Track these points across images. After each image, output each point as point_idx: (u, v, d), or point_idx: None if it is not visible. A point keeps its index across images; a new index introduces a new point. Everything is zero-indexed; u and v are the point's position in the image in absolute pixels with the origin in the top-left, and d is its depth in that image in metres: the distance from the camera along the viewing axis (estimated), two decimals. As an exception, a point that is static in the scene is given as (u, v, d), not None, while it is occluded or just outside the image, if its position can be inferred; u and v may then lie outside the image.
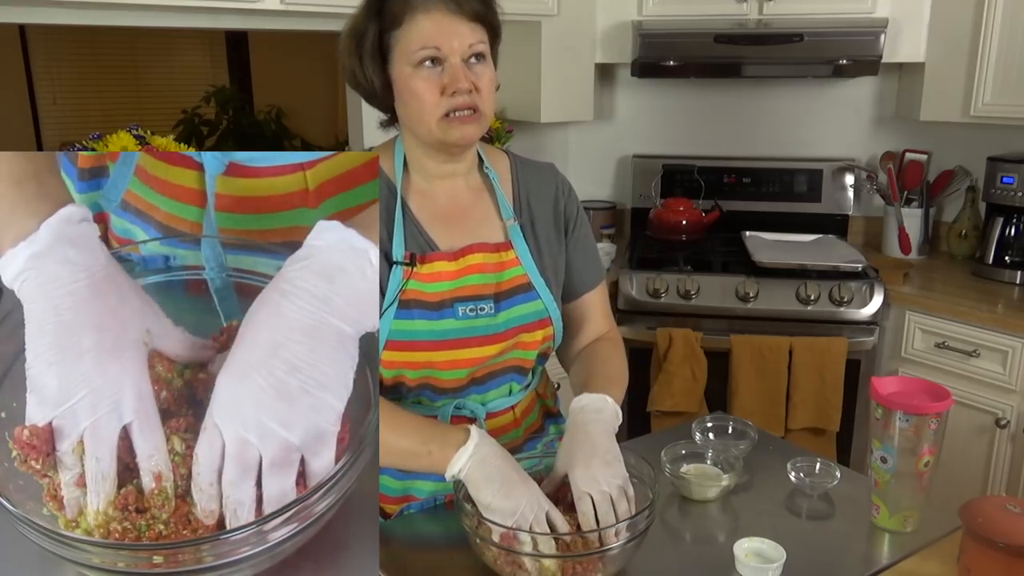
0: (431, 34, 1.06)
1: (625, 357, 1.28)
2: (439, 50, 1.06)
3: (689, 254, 2.59)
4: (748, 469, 1.25)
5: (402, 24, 1.07)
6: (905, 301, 2.30)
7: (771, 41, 2.42)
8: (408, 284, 1.12)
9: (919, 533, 1.11)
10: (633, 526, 0.97)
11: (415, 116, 1.10)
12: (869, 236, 2.83)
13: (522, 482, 1.01)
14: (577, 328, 1.30)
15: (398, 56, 1.09)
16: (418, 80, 1.07)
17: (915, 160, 2.65)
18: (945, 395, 1.08)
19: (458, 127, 1.09)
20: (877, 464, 1.11)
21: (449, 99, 1.07)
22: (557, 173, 1.30)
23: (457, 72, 1.07)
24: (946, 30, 2.39)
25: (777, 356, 2.28)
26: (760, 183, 2.84)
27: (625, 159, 3.00)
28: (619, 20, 2.59)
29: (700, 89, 2.90)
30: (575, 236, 1.28)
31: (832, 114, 2.83)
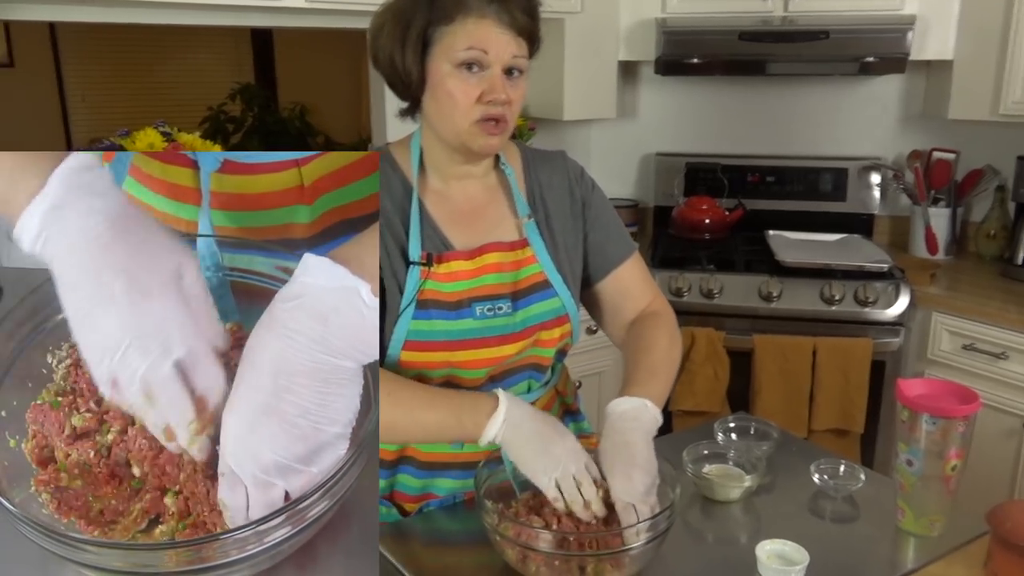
0: (480, 38, 1.06)
1: (674, 329, 1.24)
2: (486, 55, 1.06)
3: (712, 253, 2.57)
4: (771, 470, 1.24)
5: (453, 21, 1.06)
6: (932, 302, 2.27)
7: (796, 38, 2.40)
8: (425, 284, 1.12)
9: (945, 537, 1.10)
10: (654, 526, 0.96)
11: (445, 115, 1.10)
12: (895, 236, 2.80)
13: (559, 436, 1.02)
14: (618, 306, 1.28)
15: (440, 51, 1.07)
16: (456, 81, 1.07)
17: (943, 159, 2.61)
18: (973, 398, 1.07)
19: (484, 137, 1.09)
20: (903, 467, 1.09)
21: (483, 106, 1.07)
22: (567, 159, 1.29)
23: (497, 81, 1.07)
24: (975, 27, 2.35)
25: (800, 356, 2.26)
26: (784, 181, 2.81)
27: (648, 157, 2.98)
28: (643, 17, 2.57)
29: (724, 87, 2.88)
30: (592, 215, 1.26)
31: (858, 112, 2.79)
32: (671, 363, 1.20)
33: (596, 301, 1.30)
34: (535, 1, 1.12)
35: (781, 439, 1.31)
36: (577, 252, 1.24)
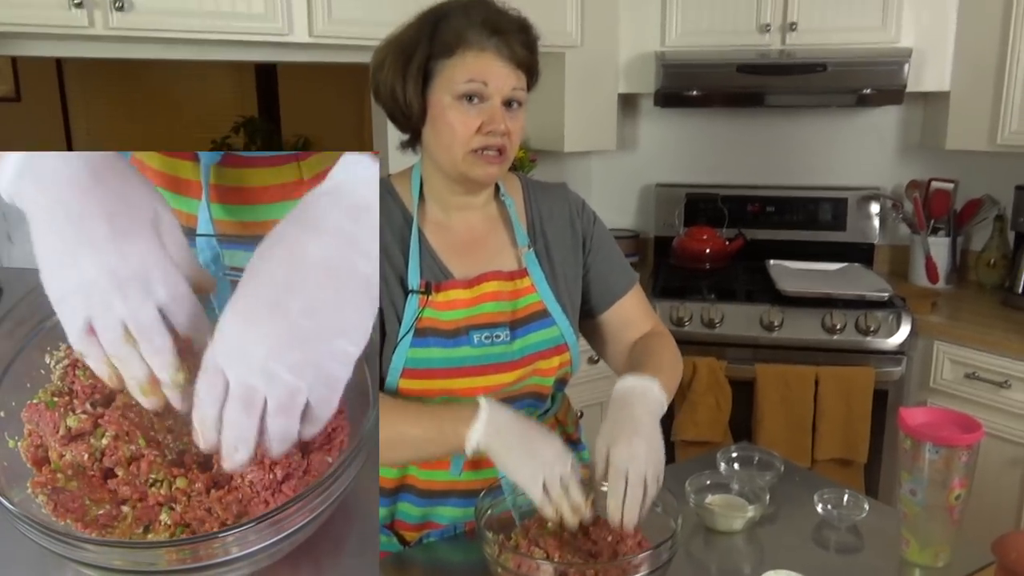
0: (480, 71, 1.08)
1: (676, 349, 1.25)
2: (486, 86, 1.08)
3: (713, 282, 2.58)
4: (774, 500, 1.23)
5: (453, 55, 1.08)
6: (933, 331, 2.27)
7: (794, 71, 2.42)
8: (424, 312, 1.13)
9: (950, 568, 1.09)
10: (656, 557, 0.95)
11: (444, 145, 1.11)
12: (895, 265, 2.80)
13: (543, 438, 1.00)
14: (620, 336, 1.29)
15: (441, 84, 1.09)
16: (456, 112, 1.09)
17: (941, 189, 2.62)
18: (976, 427, 1.06)
19: (483, 166, 1.11)
20: (906, 496, 1.09)
21: (483, 137, 1.09)
22: (568, 192, 1.30)
23: (496, 113, 1.09)
24: (971, 59, 2.38)
25: (803, 385, 2.25)
26: (784, 211, 2.82)
27: (648, 188, 3.00)
28: (642, 51, 2.60)
29: (723, 118, 2.91)
30: (595, 248, 1.28)
31: (856, 143, 2.82)
32: (675, 371, 1.20)
33: (598, 331, 1.31)
34: (534, 35, 1.14)
35: (784, 469, 1.31)
36: (577, 283, 1.25)
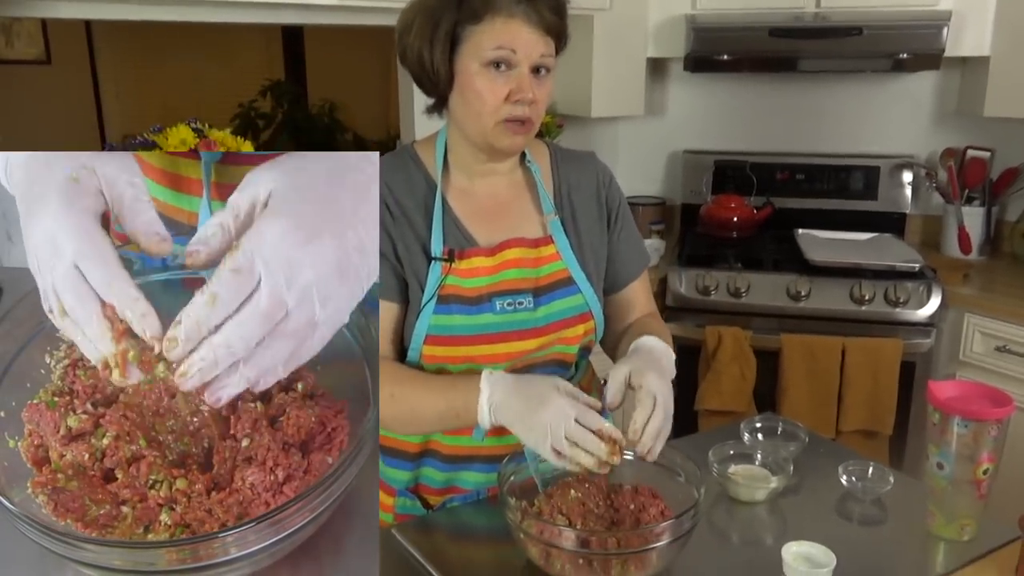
0: (509, 38, 1.06)
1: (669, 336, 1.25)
2: (514, 54, 1.07)
3: (740, 251, 2.55)
4: (798, 471, 1.22)
5: (481, 21, 1.07)
6: (964, 303, 2.22)
7: (829, 35, 2.36)
8: (447, 280, 1.13)
9: (976, 542, 1.08)
10: (678, 526, 0.95)
11: (472, 114, 1.10)
12: (927, 235, 2.75)
13: (540, 400, 0.98)
14: (623, 317, 1.29)
15: (468, 50, 1.08)
16: (484, 80, 1.08)
17: (977, 157, 2.55)
18: (1006, 401, 1.04)
19: (509, 136, 1.10)
20: (933, 470, 1.07)
21: (510, 106, 1.08)
22: (597, 163, 1.29)
23: (524, 81, 1.08)
24: (1013, 22, 2.29)
25: (829, 356, 2.23)
26: (814, 180, 2.77)
27: (676, 154, 2.96)
28: (672, 14, 2.55)
29: (754, 83, 2.84)
30: (618, 227, 1.27)
31: (890, 110, 2.74)
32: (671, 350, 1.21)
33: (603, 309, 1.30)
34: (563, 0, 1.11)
35: (808, 440, 1.30)
36: (602, 253, 1.25)
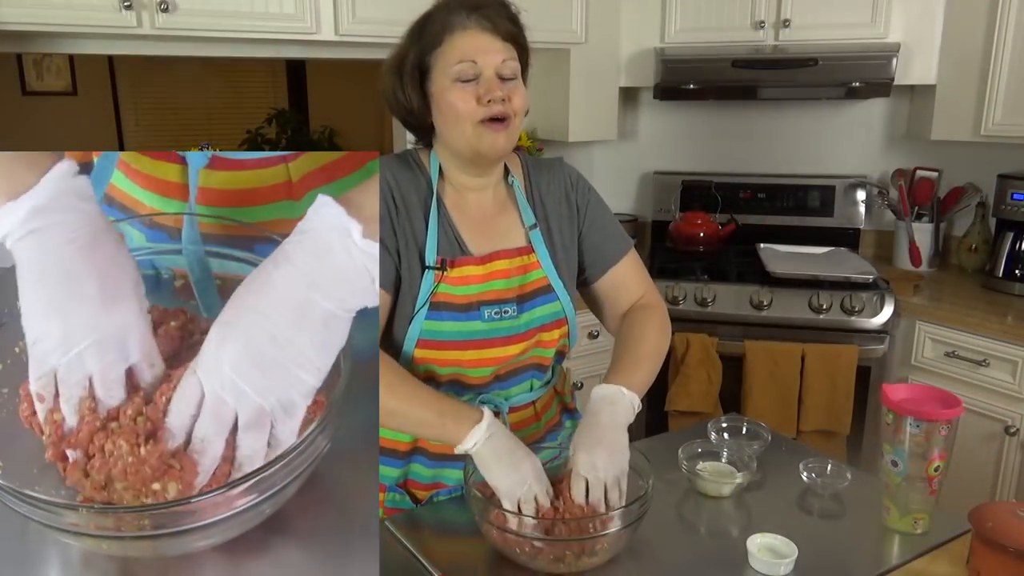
0: (468, 49, 1.05)
1: (664, 321, 1.22)
2: (475, 63, 1.05)
3: (706, 264, 2.53)
4: (761, 468, 1.19)
5: (441, 44, 1.06)
6: (915, 311, 2.21)
7: (787, 66, 2.36)
8: (439, 287, 1.10)
9: (929, 535, 1.05)
10: (627, 513, 0.94)
11: (451, 125, 1.08)
12: (880, 249, 2.74)
13: (527, 457, 0.99)
14: (615, 300, 1.26)
15: (438, 73, 1.07)
16: (455, 92, 1.06)
17: (926, 177, 2.55)
18: (956, 403, 1.02)
19: (490, 135, 1.07)
20: (888, 467, 1.05)
21: (484, 107, 1.05)
22: (565, 165, 1.26)
23: (492, 83, 1.06)
24: (957, 53, 2.30)
25: (789, 361, 2.21)
26: (775, 198, 2.76)
27: (647, 175, 2.94)
28: (643, 47, 2.54)
29: (718, 110, 2.84)
30: (589, 217, 1.24)
31: (845, 133, 2.74)
32: (658, 354, 1.18)
33: (595, 297, 1.28)
34: (514, 9, 1.10)
35: (771, 439, 1.27)
36: (573, 252, 1.23)
